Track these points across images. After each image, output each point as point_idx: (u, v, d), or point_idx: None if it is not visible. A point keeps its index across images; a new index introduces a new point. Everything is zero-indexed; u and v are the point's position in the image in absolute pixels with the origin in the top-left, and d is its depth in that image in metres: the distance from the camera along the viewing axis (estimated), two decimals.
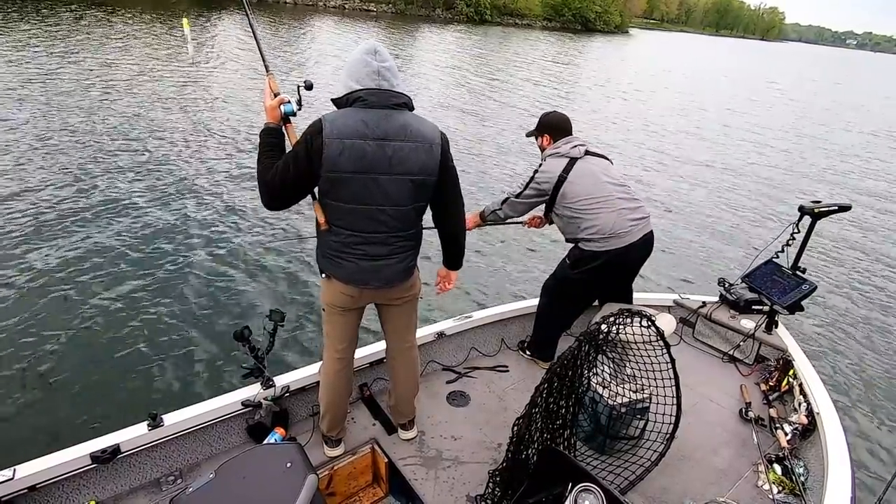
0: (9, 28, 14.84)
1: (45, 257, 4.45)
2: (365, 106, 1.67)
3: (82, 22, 17.54)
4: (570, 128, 2.70)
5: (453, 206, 1.91)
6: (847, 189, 9.90)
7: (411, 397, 2.22)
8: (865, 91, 33.00)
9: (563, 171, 2.55)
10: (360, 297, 1.91)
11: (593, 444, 2.22)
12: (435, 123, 1.80)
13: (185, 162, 6.97)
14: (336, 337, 2.00)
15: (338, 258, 1.82)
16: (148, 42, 15.72)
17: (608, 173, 2.60)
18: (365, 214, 1.73)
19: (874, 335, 4.96)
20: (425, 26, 39.17)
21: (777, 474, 2.12)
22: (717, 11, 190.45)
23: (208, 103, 9.82)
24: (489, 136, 10.32)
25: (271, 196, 1.72)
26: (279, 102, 1.78)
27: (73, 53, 12.55)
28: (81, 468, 1.80)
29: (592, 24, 68.20)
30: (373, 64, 1.66)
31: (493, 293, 4.82)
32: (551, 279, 2.81)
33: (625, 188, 2.60)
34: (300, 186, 1.71)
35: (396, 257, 1.85)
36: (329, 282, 1.89)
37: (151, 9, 23.75)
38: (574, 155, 2.57)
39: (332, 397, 2.06)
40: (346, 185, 1.68)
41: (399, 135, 1.68)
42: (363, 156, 1.65)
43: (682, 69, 32.28)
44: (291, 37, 21.51)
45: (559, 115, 2.75)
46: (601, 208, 2.51)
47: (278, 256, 4.94)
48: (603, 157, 2.67)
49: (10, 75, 9.86)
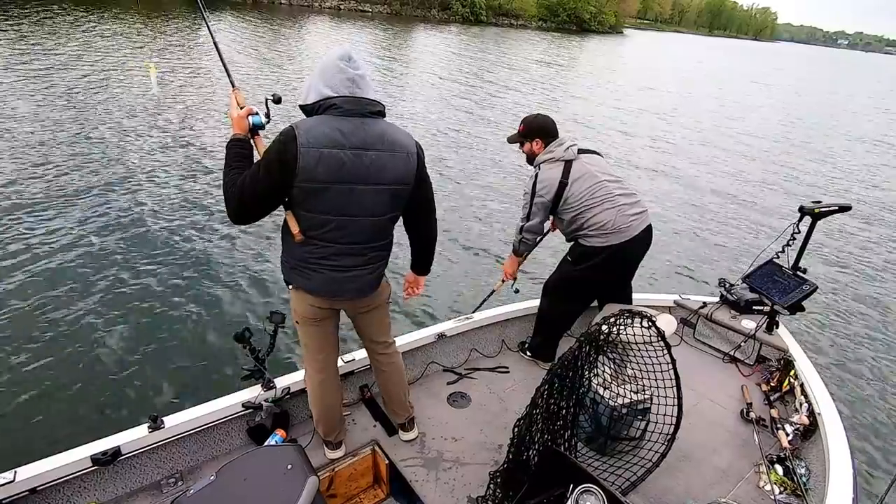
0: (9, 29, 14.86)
1: (46, 259, 4.45)
2: (340, 114, 1.60)
3: (73, 22, 17.54)
4: (557, 129, 2.65)
5: (427, 213, 1.91)
6: (847, 189, 9.91)
7: (402, 395, 2.22)
8: (860, 92, 32.96)
9: (563, 177, 2.52)
10: (329, 307, 1.89)
11: (594, 445, 2.22)
12: (409, 131, 1.78)
13: (181, 167, 6.97)
14: (314, 348, 1.97)
15: (307, 269, 1.76)
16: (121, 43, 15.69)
17: (603, 170, 2.60)
18: (339, 225, 1.68)
19: (875, 335, 4.96)
20: (421, 27, 39.21)
21: (778, 475, 2.12)
22: (710, 12, 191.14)
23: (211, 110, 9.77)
24: (483, 143, 10.34)
25: (240, 208, 1.63)
26: (247, 113, 1.71)
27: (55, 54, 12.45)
28: (82, 470, 1.80)
29: (587, 24, 68.36)
30: (348, 71, 1.60)
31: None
32: (553, 278, 2.81)
33: (620, 183, 2.61)
34: (271, 198, 1.63)
35: (369, 267, 1.82)
36: (297, 293, 1.84)
37: (147, 9, 23.78)
38: (569, 157, 2.55)
39: (321, 405, 2.05)
40: (320, 196, 1.62)
41: (377, 144, 1.64)
42: (340, 166, 1.59)
43: (679, 69, 32.30)
44: (283, 39, 21.44)
45: (545, 117, 2.67)
46: (601, 205, 2.52)
47: (278, 258, 4.93)
48: (593, 153, 2.67)
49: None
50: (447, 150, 9.14)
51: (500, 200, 7.07)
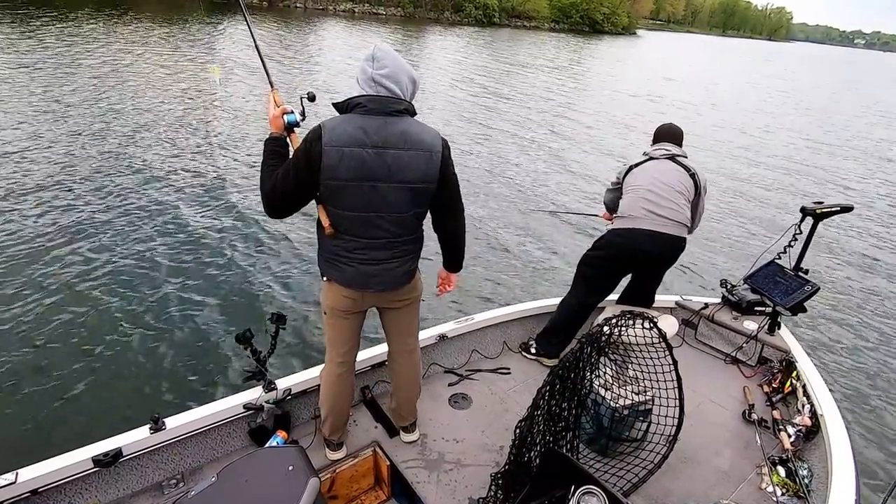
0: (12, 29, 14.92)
1: (47, 259, 4.46)
2: (364, 112, 1.66)
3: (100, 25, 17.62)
4: (673, 137, 2.85)
5: (453, 212, 1.91)
6: (847, 189, 9.89)
7: (413, 400, 2.22)
8: (872, 94, 32.85)
9: (636, 164, 2.78)
10: (361, 301, 1.90)
11: (596, 447, 2.21)
12: (437, 130, 1.79)
13: (187, 170, 6.98)
14: (338, 341, 2.00)
15: (338, 262, 1.81)
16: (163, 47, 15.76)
17: (666, 176, 2.68)
18: (365, 221, 1.73)
19: (877, 336, 4.94)
20: (434, 28, 39.30)
21: (780, 476, 2.11)
22: (723, 12, 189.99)
23: (223, 119, 9.68)
24: (501, 137, 10.34)
25: (271, 203, 1.73)
26: (282, 112, 1.79)
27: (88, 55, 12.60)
28: (83, 472, 1.80)
29: (600, 25, 68.27)
30: (368, 70, 1.66)
31: (497, 295, 4.82)
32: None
33: (669, 188, 2.63)
34: (300, 193, 1.71)
35: (397, 261, 1.85)
36: (330, 285, 1.89)
37: (164, 11, 23.93)
38: (654, 155, 2.78)
39: (333, 401, 2.06)
40: (345, 193, 1.68)
41: (398, 142, 1.67)
42: (362, 164, 1.64)
43: (689, 72, 32.19)
44: (300, 43, 21.55)
45: (666, 125, 2.93)
46: (629, 193, 2.70)
47: (280, 260, 4.95)
48: (684, 168, 2.72)
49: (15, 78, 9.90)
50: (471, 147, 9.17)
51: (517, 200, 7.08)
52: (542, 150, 9.97)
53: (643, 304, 2.90)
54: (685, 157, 2.77)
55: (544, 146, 10.30)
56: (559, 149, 10.24)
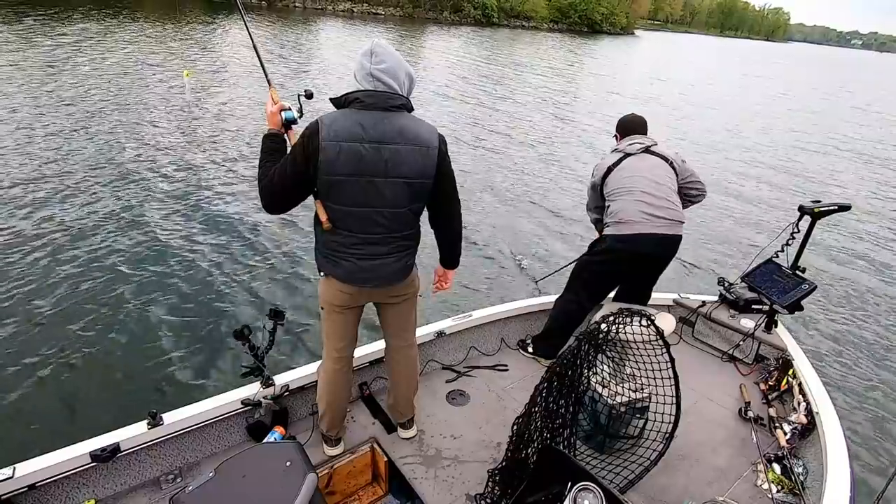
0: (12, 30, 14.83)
1: (45, 258, 4.45)
2: (361, 107, 1.66)
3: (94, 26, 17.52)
4: (640, 128, 2.80)
5: (449, 208, 1.91)
6: (847, 189, 9.90)
7: (411, 396, 2.22)
8: (870, 96, 32.88)
9: (613, 164, 2.69)
10: (358, 296, 1.91)
11: (593, 444, 2.22)
12: (433, 126, 1.79)
13: (181, 167, 6.97)
14: (335, 336, 2.00)
15: (336, 257, 1.82)
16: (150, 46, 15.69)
17: (652, 171, 2.64)
18: (362, 216, 1.73)
19: (874, 335, 4.96)
20: (433, 28, 39.18)
21: (776, 474, 2.12)
22: (721, 12, 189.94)
23: (213, 114, 9.65)
24: (500, 135, 10.34)
25: (271, 197, 1.73)
26: (280, 109, 1.81)
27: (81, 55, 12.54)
28: (81, 467, 1.81)
29: (599, 25, 68.29)
30: (366, 65, 1.66)
31: (495, 292, 4.82)
32: (573, 267, 2.89)
33: (660, 186, 2.61)
34: (298, 188, 1.71)
35: (394, 256, 1.85)
36: (327, 280, 1.89)
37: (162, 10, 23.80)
38: (629, 151, 2.70)
39: (331, 397, 2.06)
40: (342, 188, 1.68)
41: (395, 138, 1.67)
42: (359, 159, 1.65)
43: (688, 71, 32.18)
44: (298, 42, 21.47)
45: (630, 116, 2.87)
46: (622, 196, 2.61)
47: (278, 255, 4.94)
48: (662, 158, 2.69)
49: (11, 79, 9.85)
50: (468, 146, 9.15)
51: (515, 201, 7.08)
52: (540, 150, 9.97)
53: (640, 301, 2.91)
54: (656, 145, 2.74)
55: (543, 146, 10.30)
56: (558, 149, 10.23)
